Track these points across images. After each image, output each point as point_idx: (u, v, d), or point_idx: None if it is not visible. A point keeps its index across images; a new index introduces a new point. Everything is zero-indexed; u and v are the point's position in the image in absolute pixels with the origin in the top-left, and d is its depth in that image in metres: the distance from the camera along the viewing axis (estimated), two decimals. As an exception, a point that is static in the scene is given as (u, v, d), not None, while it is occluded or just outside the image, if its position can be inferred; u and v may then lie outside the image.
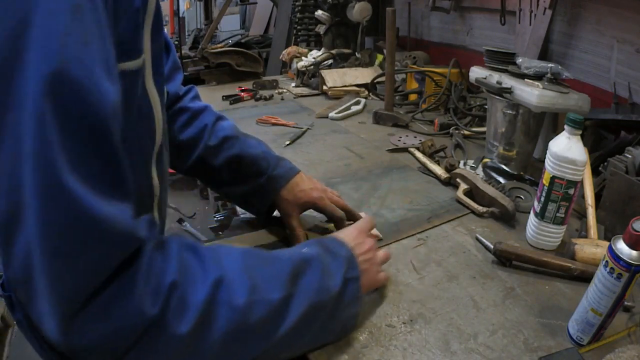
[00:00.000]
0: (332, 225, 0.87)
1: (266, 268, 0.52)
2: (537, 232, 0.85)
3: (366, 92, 1.94)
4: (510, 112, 1.12)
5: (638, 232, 0.54)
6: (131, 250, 0.43)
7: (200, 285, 0.46)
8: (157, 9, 0.55)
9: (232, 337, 0.47)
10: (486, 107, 1.34)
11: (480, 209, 0.97)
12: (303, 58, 2.21)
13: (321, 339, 0.59)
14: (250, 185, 0.86)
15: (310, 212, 0.88)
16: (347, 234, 0.68)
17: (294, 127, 1.55)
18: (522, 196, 1.03)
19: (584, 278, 0.73)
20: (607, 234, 0.87)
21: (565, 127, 0.79)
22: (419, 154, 1.27)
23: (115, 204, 0.42)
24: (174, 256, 0.47)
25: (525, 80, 1.07)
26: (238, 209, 1.02)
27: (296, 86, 2.12)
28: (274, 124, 1.59)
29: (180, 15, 5.88)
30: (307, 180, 0.87)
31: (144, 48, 0.52)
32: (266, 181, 0.85)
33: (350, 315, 0.61)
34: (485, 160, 1.20)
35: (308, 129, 1.53)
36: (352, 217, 0.89)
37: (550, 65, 1.06)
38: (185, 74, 0.95)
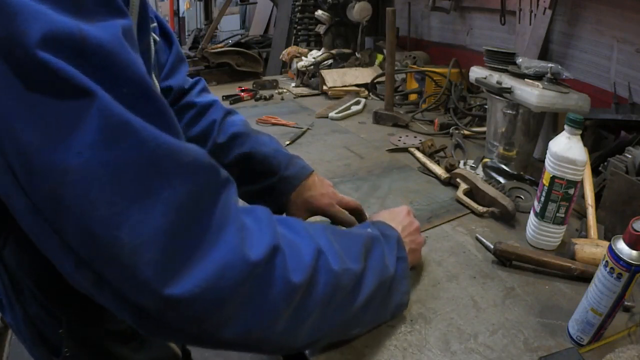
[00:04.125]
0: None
1: (344, 241, 0.54)
2: (537, 232, 0.85)
3: (366, 92, 1.94)
4: (510, 112, 1.12)
5: (638, 232, 0.54)
6: (218, 182, 0.41)
7: (306, 250, 0.47)
8: None
9: (326, 302, 0.48)
10: (486, 107, 1.34)
11: (480, 209, 0.97)
12: (303, 58, 2.21)
13: (381, 316, 0.62)
14: (260, 185, 0.82)
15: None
16: (396, 217, 0.72)
17: (294, 127, 1.55)
18: (522, 196, 1.03)
19: (584, 278, 0.73)
20: (607, 234, 0.87)
21: (565, 127, 0.79)
22: (419, 154, 1.27)
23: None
24: (266, 223, 0.45)
25: (525, 80, 1.07)
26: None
27: (296, 86, 2.12)
28: (274, 124, 1.59)
29: (180, 15, 5.88)
30: (319, 184, 0.83)
31: None
32: (277, 181, 0.81)
33: (403, 292, 0.64)
34: (485, 160, 1.20)
35: (308, 129, 1.53)
36: (361, 220, 0.86)
37: (550, 65, 1.06)
38: (185, 73, 0.94)
